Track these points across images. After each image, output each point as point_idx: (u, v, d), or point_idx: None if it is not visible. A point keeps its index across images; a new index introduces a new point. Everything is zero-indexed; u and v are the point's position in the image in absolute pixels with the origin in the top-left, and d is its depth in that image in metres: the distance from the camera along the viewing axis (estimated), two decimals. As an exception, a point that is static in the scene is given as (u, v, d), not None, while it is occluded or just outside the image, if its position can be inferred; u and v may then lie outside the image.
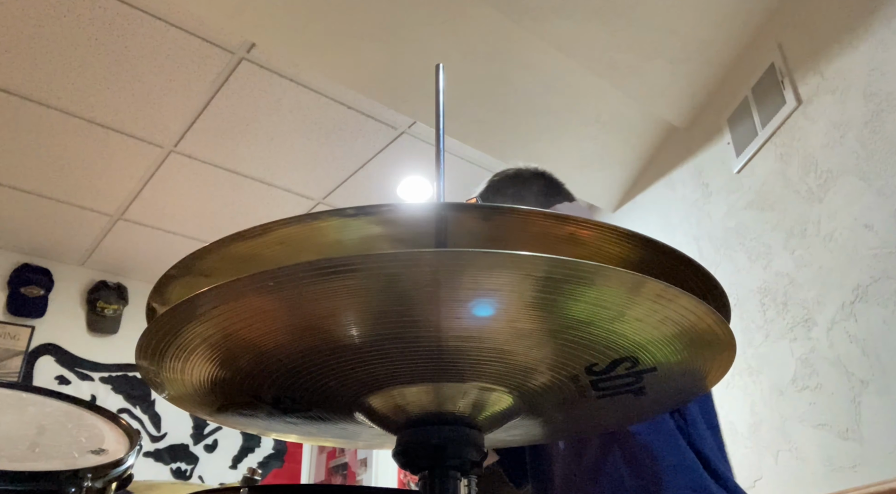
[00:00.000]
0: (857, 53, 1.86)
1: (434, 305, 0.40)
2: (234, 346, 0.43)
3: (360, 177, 3.22)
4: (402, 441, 0.48)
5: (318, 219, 0.44)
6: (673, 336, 0.41)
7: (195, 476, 3.76)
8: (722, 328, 0.41)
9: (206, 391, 0.50)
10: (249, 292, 0.38)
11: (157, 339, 0.42)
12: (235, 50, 2.49)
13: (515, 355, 0.43)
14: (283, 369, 0.45)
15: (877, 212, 1.71)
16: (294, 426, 0.57)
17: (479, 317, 0.40)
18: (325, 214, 0.43)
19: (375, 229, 0.46)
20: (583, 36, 2.29)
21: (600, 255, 0.44)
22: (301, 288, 0.38)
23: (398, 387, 0.46)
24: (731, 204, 2.30)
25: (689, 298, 0.38)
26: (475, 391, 0.46)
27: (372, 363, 0.44)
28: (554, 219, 0.42)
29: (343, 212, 0.43)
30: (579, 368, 0.44)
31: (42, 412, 1.14)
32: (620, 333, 0.41)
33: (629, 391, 0.47)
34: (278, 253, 0.44)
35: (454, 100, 2.54)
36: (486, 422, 0.48)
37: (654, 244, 0.42)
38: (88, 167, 3.05)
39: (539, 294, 0.38)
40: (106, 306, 3.75)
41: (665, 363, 0.44)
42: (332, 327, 0.41)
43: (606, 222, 0.43)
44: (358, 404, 0.49)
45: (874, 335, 1.66)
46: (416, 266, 0.37)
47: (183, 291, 0.47)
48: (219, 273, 0.47)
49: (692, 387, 0.49)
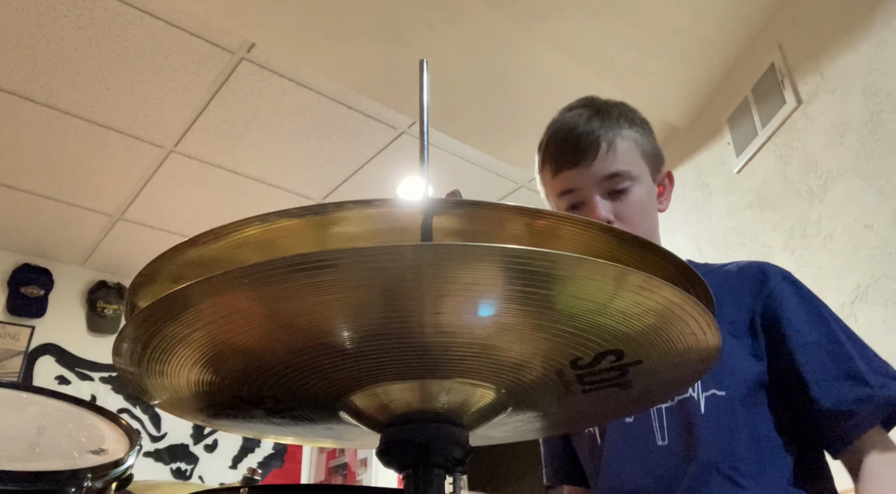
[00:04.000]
0: (857, 53, 1.85)
1: (417, 300, 0.39)
2: (213, 346, 0.43)
3: (360, 177, 3.22)
4: (386, 440, 0.48)
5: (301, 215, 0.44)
6: (657, 328, 0.41)
7: (195, 476, 3.76)
8: (706, 319, 0.40)
9: (190, 395, 0.50)
10: (226, 291, 0.38)
11: (130, 342, 0.42)
12: (235, 50, 2.49)
13: (499, 350, 0.42)
14: (263, 369, 0.45)
15: (877, 212, 1.70)
16: (280, 427, 0.57)
17: (465, 314, 0.40)
18: (308, 210, 0.42)
19: (360, 226, 0.45)
20: (583, 36, 2.29)
21: (582, 250, 0.43)
22: (277, 285, 0.37)
23: (381, 385, 0.46)
24: (731, 204, 2.30)
25: (672, 288, 0.37)
26: (459, 387, 0.45)
27: (354, 360, 0.43)
28: (531, 214, 0.42)
29: (325, 208, 0.43)
30: (564, 362, 0.44)
31: (42, 412, 1.14)
32: (604, 326, 0.40)
33: (615, 384, 0.46)
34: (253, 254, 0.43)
35: (453, 100, 2.54)
36: (471, 419, 0.48)
37: (632, 239, 0.42)
38: (88, 167, 3.05)
39: (521, 288, 0.38)
40: (106, 306, 3.75)
41: (650, 355, 0.43)
42: (311, 324, 0.40)
43: (586, 218, 0.43)
44: (341, 403, 0.48)
45: (874, 335, 1.65)
46: (397, 261, 0.37)
47: (163, 289, 0.47)
48: (202, 272, 0.46)
49: (679, 380, 0.48)
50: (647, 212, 0.99)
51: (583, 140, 0.96)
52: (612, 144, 0.96)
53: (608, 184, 0.96)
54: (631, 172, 0.96)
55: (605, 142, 0.96)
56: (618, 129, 0.98)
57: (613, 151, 0.96)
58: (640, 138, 1.01)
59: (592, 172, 0.95)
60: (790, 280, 0.95)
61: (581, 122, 0.99)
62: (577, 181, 0.96)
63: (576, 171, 0.96)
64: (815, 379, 0.86)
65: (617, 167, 0.95)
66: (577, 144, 0.96)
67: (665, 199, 1.05)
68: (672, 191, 1.07)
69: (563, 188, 0.99)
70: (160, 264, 0.44)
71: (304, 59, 2.40)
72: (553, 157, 1.00)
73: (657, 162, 1.03)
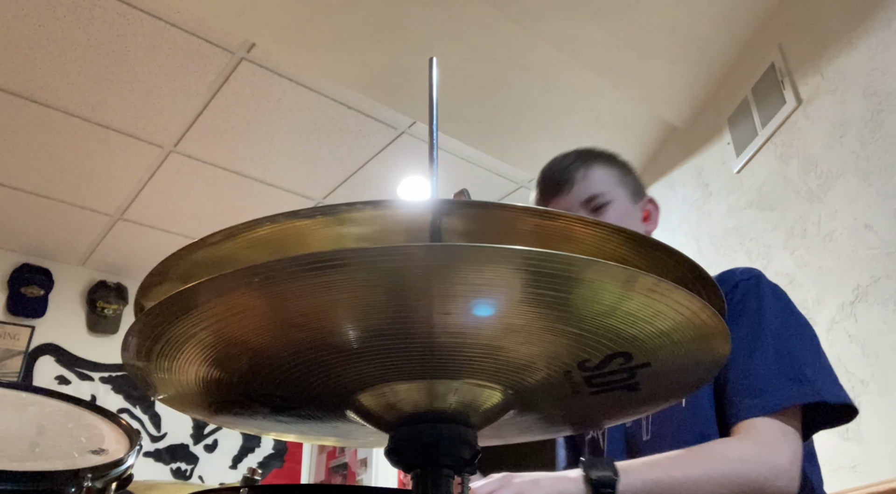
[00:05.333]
0: (857, 53, 1.85)
1: (426, 300, 0.39)
2: (221, 344, 0.43)
3: (360, 177, 3.22)
4: (394, 440, 0.48)
5: (312, 216, 0.44)
6: (666, 331, 0.41)
7: (195, 476, 3.75)
8: (716, 323, 0.40)
9: (196, 392, 0.50)
10: (235, 289, 0.38)
11: (139, 338, 0.42)
12: (235, 50, 2.49)
13: (507, 351, 0.42)
14: (272, 367, 0.45)
15: (877, 212, 1.70)
16: (287, 425, 0.57)
17: (473, 314, 0.40)
18: (318, 210, 0.42)
19: (364, 227, 0.45)
20: (583, 36, 2.29)
21: (593, 251, 0.43)
22: (287, 284, 0.37)
23: (389, 384, 0.46)
24: (731, 204, 2.30)
25: (683, 292, 0.37)
26: (467, 387, 0.45)
27: (362, 360, 0.43)
28: (541, 214, 0.42)
29: (336, 208, 0.43)
30: (572, 364, 0.44)
31: (42, 412, 1.14)
32: (613, 328, 0.40)
33: (623, 386, 0.46)
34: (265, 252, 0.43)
35: (454, 100, 2.54)
36: (479, 419, 0.48)
37: (647, 241, 0.42)
38: (88, 167, 3.05)
39: (531, 289, 0.38)
40: (106, 306, 3.75)
41: (659, 358, 0.43)
42: (320, 324, 0.40)
43: (598, 219, 0.43)
44: (349, 402, 0.48)
45: (874, 335, 1.65)
46: (407, 261, 0.37)
47: (173, 289, 0.47)
48: (212, 272, 0.46)
49: (686, 383, 0.49)
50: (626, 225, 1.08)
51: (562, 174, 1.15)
52: (586, 174, 1.14)
53: (588, 204, 1.12)
54: (606, 195, 1.13)
55: (581, 171, 1.14)
56: (591, 162, 1.16)
57: (588, 179, 1.14)
58: (613, 170, 1.18)
59: (574, 196, 1.13)
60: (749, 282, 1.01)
61: (562, 160, 1.18)
62: (563, 206, 1.13)
63: (560, 198, 1.14)
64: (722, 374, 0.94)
65: (592, 191, 1.13)
66: (557, 178, 1.15)
67: (651, 223, 1.20)
68: (658, 215, 1.21)
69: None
70: (170, 263, 0.44)
71: (304, 59, 2.40)
72: (542, 189, 1.18)
73: (635, 189, 1.19)
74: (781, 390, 0.88)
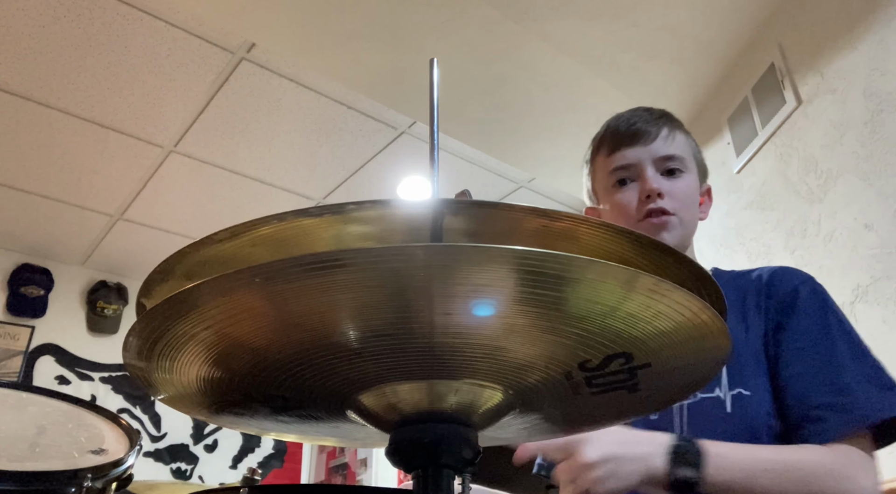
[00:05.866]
0: (857, 53, 1.85)
1: (426, 301, 0.39)
2: (222, 344, 0.43)
3: (360, 177, 3.22)
4: (395, 440, 0.48)
5: (320, 215, 0.44)
6: (667, 332, 0.41)
7: (195, 476, 3.76)
8: (717, 323, 0.40)
9: (197, 392, 0.50)
10: (236, 289, 0.38)
11: (140, 338, 0.42)
12: (235, 50, 2.49)
13: (508, 351, 0.42)
14: (273, 367, 0.45)
15: (877, 212, 1.71)
16: (287, 425, 0.57)
17: (474, 314, 0.40)
18: (326, 209, 0.42)
19: (367, 227, 0.45)
20: (583, 36, 2.29)
21: (595, 252, 0.43)
22: (288, 284, 0.37)
23: (390, 385, 0.46)
24: (731, 204, 2.30)
25: (683, 292, 0.37)
26: (468, 388, 0.45)
27: (363, 360, 0.43)
28: (543, 215, 0.42)
29: (343, 207, 0.43)
30: (572, 364, 0.44)
31: (42, 412, 1.14)
32: (614, 328, 0.40)
33: (623, 387, 0.46)
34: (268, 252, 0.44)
35: (454, 100, 2.54)
36: (480, 419, 0.48)
37: (648, 242, 0.42)
38: (88, 167, 3.05)
39: (532, 290, 0.38)
40: (106, 306, 3.75)
41: (659, 359, 0.43)
42: (321, 324, 0.40)
43: (600, 220, 0.43)
44: (350, 402, 0.48)
45: (874, 335, 1.65)
46: (408, 261, 0.37)
47: (177, 286, 0.47)
48: (213, 272, 0.46)
49: (687, 384, 0.49)
50: (692, 202, 1.04)
51: (646, 125, 1.03)
52: (672, 132, 1.03)
53: (663, 163, 1.01)
54: (686, 161, 1.03)
55: (667, 128, 1.03)
56: (678, 126, 1.06)
57: (673, 138, 1.03)
58: (694, 145, 1.08)
59: (650, 150, 1.01)
60: (810, 287, 0.97)
61: (646, 113, 1.06)
62: (633, 157, 1.02)
63: (634, 148, 1.02)
64: (793, 384, 0.88)
65: (674, 151, 1.02)
66: (639, 127, 1.03)
67: (704, 210, 1.10)
68: (710, 207, 1.12)
69: (618, 164, 1.03)
70: (175, 261, 0.44)
71: (304, 59, 2.40)
72: (612, 137, 1.05)
73: (703, 171, 1.10)
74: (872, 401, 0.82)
